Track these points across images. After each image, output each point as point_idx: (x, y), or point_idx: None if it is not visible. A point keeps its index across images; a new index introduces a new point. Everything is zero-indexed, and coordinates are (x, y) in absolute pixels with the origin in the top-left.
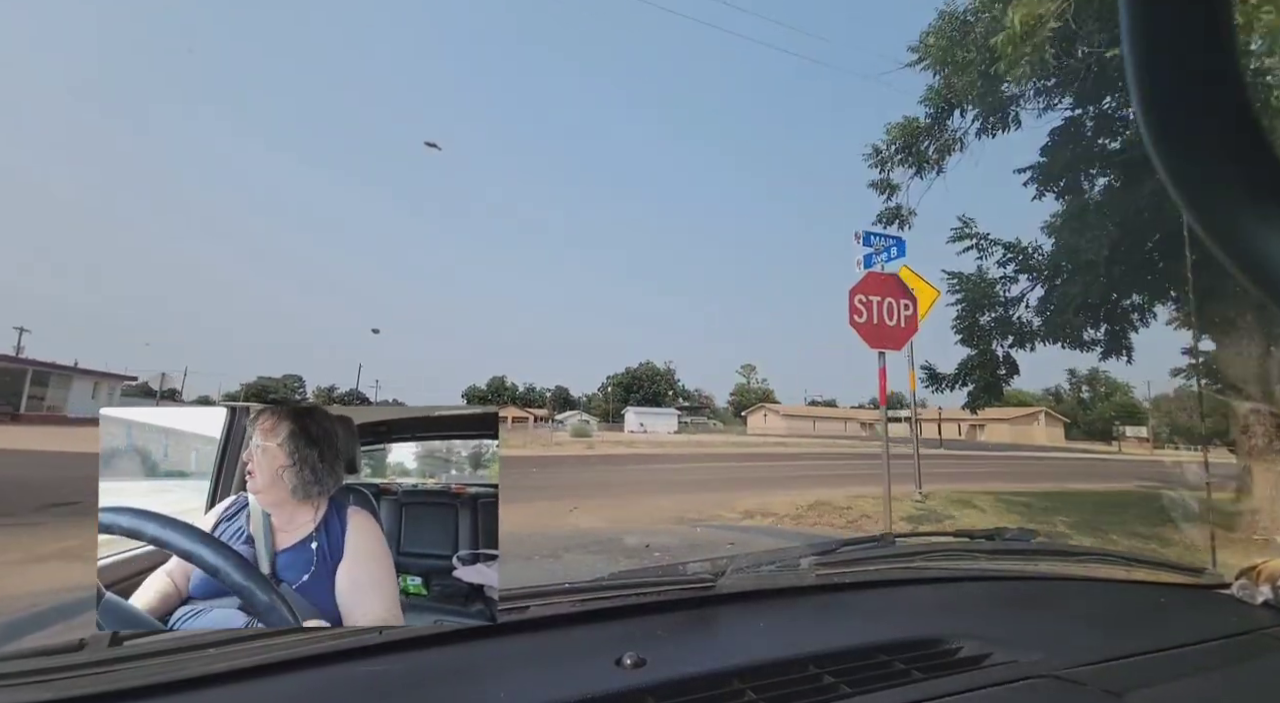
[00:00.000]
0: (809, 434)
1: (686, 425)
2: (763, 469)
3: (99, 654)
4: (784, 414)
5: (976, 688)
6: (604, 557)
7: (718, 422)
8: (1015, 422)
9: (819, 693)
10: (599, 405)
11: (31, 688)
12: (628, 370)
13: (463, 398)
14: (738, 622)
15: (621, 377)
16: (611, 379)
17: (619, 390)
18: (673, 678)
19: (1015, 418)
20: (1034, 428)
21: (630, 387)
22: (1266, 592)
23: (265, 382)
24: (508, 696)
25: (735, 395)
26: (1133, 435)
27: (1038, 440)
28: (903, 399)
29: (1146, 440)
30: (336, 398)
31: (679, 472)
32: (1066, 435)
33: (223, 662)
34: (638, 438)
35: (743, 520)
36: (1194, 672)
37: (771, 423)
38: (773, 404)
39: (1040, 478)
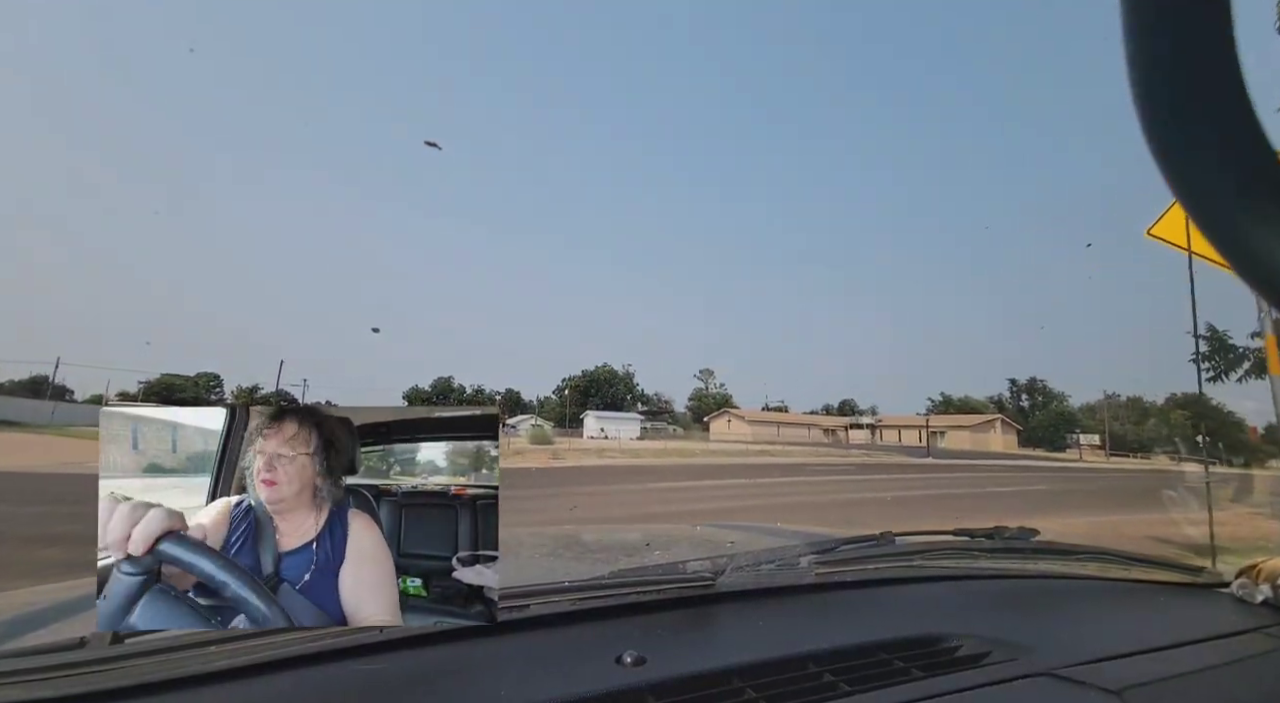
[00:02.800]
0: (775, 440)
1: (648, 431)
2: (797, 491)
3: (100, 652)
4: (749, 420)
5: (976, 686)
6: (604, 555)
7: (678, 427)
8: (974, 429)
9: (819, 691)
10: (554, 409)
11: (33, 686)
12: (585, 373)
13: (404, 399)
14: (738, 620)
15: (578, 379)
16: (568, 381)
17: (576, 394)
18: (673, 676)
19: (974, 425)
20: (991, 435)
21: (588, 390)
22: (1266, 591)
23: (173, 379)
24: (508, 694)
25: (694, 400)
26: (1086, 443)
27: (994, 447)
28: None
29: (1100, 448)
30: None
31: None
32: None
33: (223, 660)
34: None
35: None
36: (1193, 671)
37: (735, 428)
38: (736, 409)
39: (1121, 496)
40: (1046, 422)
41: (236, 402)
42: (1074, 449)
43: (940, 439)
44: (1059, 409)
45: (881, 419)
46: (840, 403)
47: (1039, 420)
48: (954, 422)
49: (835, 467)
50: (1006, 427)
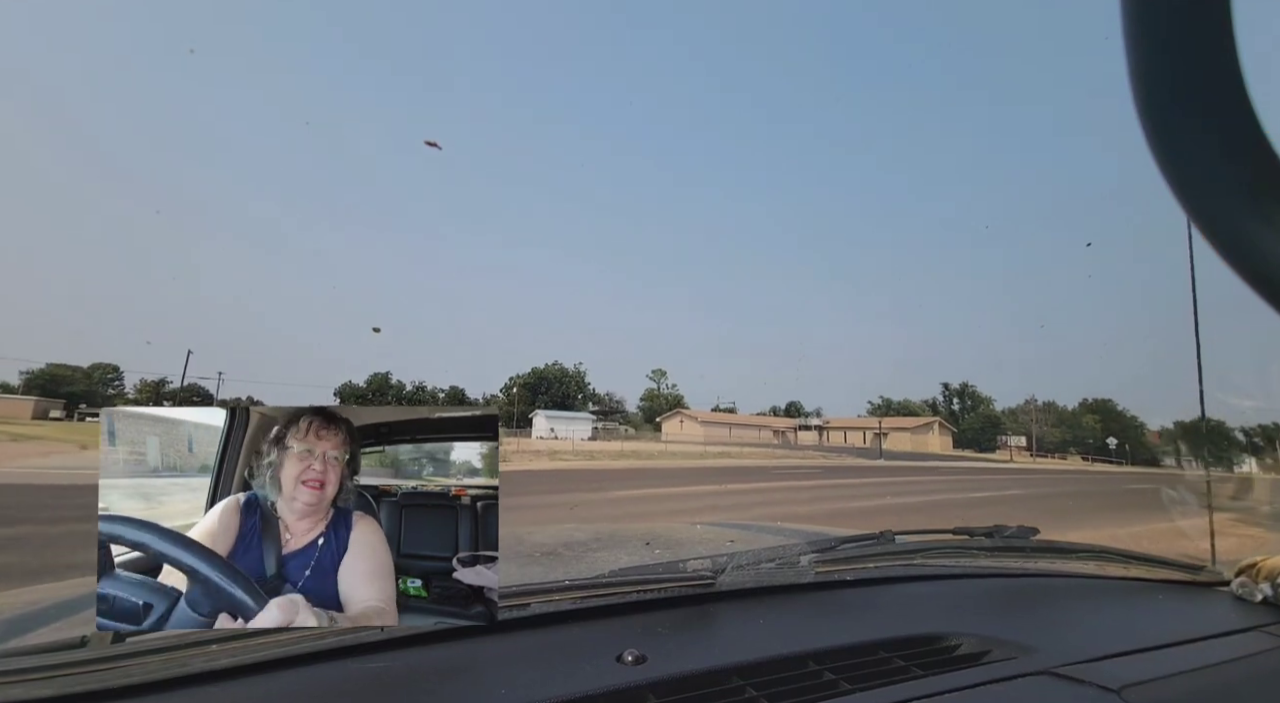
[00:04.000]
0: (728, 441)
1: (599, 431)
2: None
3: (101, 651)
4: (701, 421)
5: (975, 685)
6: (604, 554)
7: (630, 427)
8: (914, 431)
9: (819, 690)
10: (501, 408)
11: (34, 685)
12: (534, 371)
13: (335, 396)
14: (738, 619)
15: (527, 377)
16: (516, 379)
17: (524, 392)
18: (673, 675)
19: (914, 427)
20: (929, 437)
21: (537, 388)
22: (1265, 589)
23: (59, 370)
24: (509, 692)
25: (646, 400)
26: (1014, 445)
27: (932, 448)
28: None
29: (1025, 450)
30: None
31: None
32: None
33: (225, 658)
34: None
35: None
36: (1193, 669)
37: (688, 429)
38: (688, 410)
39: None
40: (976, 424)
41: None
42: (1003, 450)
43: (883, 441)
44: (986, 412)
45: (829, 421)
46: (787, 405)
47: (969, 423)
48: (896, 424)
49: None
50: (943, 429)
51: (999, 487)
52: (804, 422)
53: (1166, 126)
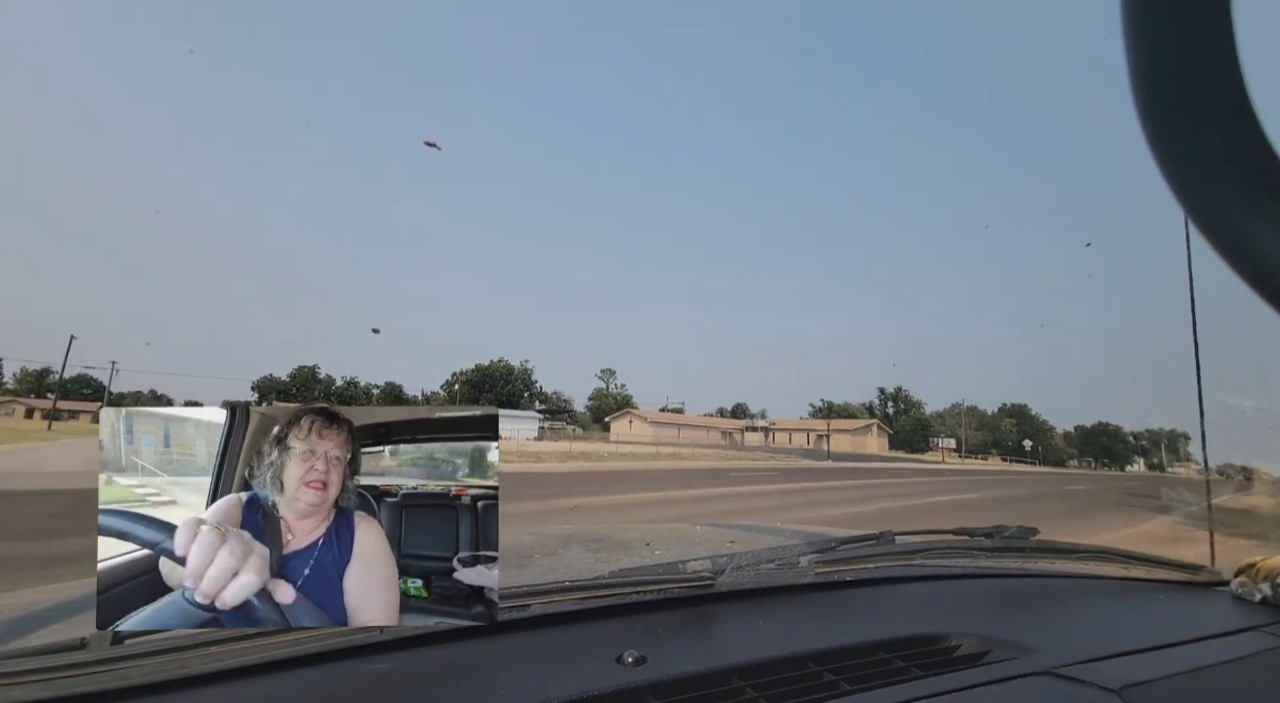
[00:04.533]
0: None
1: (546, 431)
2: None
3: (101, 653)
4: (650, 421)
5: (975, 685)
6: (604, 555)
7: (578, 427)
8: (855, 433)
9: (818, 690)
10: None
11: (34, 687)
12: (478, 367)
13: (252, 390)
14: (738, 619)
15: (471, 374)
16: (459, 376)
17: (468, 390)
18: (673, 676)
19: (855, 430)
20: (869, 439)
21: (481, 386)
22: (1265, 589)
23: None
24: (509, 693)
25: (595, 400)
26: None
27: (871, 450)
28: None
29: (955, 451)
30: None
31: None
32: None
33: (224, 660)
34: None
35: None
36: (1192, 669)
37: (637, 430)
38: (637, 410)
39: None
40: (909, 427)
41: (24, 385)
42: (936, 451)
43: (825, 442)
44: (918, 416)
45: (775, 423)
46: (734, 406)
47: (903, 425)
48: (838, 426)
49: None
50: (880, 431)
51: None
52: (751, 423)
53: (1166, 126)
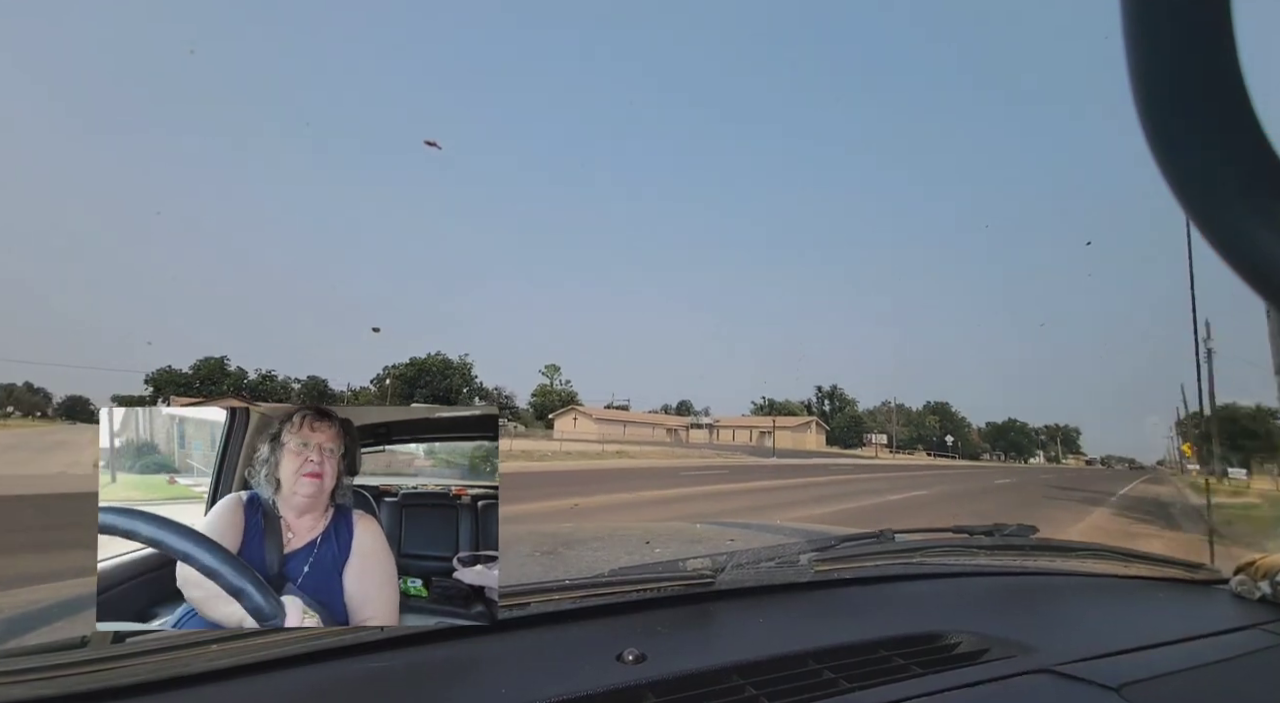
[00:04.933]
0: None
1: None
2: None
3: (101, 651)
4: (595, 418)
5: (975, 683)
6: (604, 553)
7: (520, 424)
8: (795, 430)
9: (818, 688)
10: (371, 401)
11: (34, 685)
12: (413, 361)
13: (146, 384)
14: (737, 617)
15: (404, 368)
16: (391, 370)
17: (400, 384)
18: (673, 674)
19: (795, 426)
20: (808, 435)
21: (415, 381)
22: (1264, 587)
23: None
24: (509, 691)
25: (538, 397)
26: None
27: (809, 446)
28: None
29: (886, 447)
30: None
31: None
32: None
33: (225, 659)
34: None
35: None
36: (1192, 667)
37: (582, 427)
38: (582, 407)
39: None
40: (844, 424)
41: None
42: (869, 447)
43: (767, 439)
44: (852, 413)
45: (719, 420)
46: (679, 403)
47: (839, 422)
48: (780, 423)
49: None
50: (819, 428)
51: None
52: (696, 420)
53: (1166, 126)
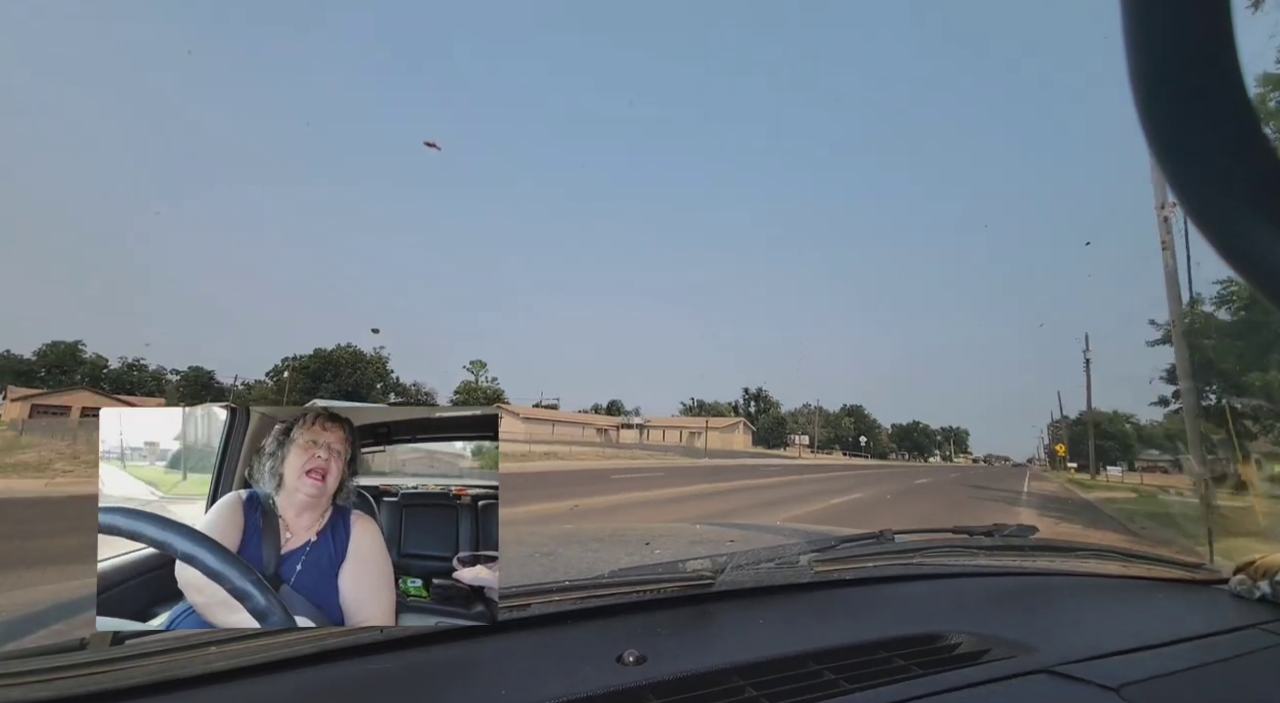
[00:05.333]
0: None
1: None
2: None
3: (100, 653)
4: (523, 418)
5: (975, 683)
6: (604, 554)
7: None
8: (724, 430)
9: (818, 689)
10: (266, 396)
11: (33, 687)
12: (317, 352)
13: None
14: (737, 618)
15: (308, 360)
16: (291, 362)
17: (302, 377)
18: (673, 675)
19: (723, 427)
20: (735, 436)
21: (320, 375)
22: (1264, 587)
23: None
24: (509, 693)
25: (461, 394)
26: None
27: (737, 446)
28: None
29: (807, 447)
30: None
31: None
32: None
33: (224, 661)
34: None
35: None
36: (1191, 667)
37: (509, 426)
38: (509, 405)
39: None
40: (769, 425)
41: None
42: (793, 448)
43: (697, 439)
44: (775, 415)
45: (649, 420)
46: (609, 403)
47: (763, 423)
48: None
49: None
50: (746, 429)
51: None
52: (626, 420)
53: (1166, 126)
